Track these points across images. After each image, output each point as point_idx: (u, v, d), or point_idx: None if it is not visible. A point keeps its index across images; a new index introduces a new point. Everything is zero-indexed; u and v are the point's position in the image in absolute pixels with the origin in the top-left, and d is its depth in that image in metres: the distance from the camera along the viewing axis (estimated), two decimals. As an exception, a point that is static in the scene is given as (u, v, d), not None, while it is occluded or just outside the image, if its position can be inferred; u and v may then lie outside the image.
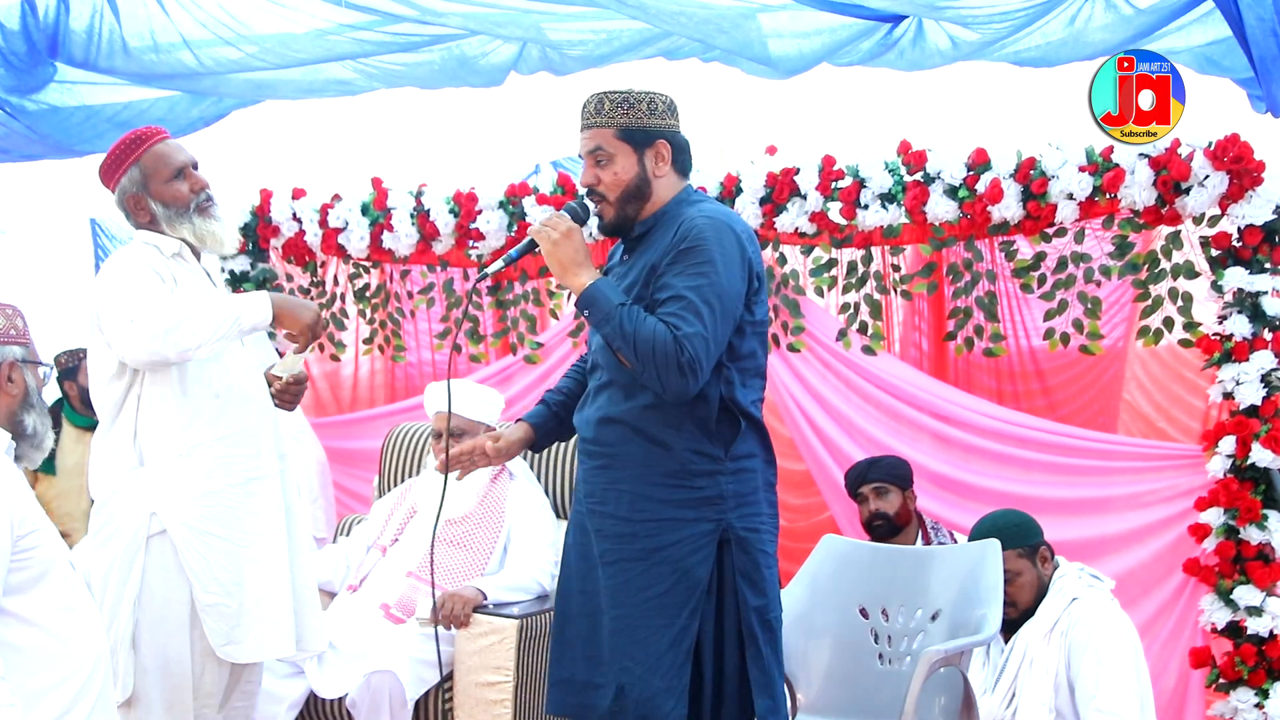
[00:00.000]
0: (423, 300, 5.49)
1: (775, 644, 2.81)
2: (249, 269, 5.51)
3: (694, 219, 2.73)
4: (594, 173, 2.80)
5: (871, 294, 4.68)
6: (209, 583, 3.02)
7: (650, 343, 2.61)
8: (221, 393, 3.10)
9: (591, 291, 2.70)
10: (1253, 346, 3.97)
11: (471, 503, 4.21)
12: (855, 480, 4.27)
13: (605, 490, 2.79)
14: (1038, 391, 4.71)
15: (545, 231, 2.76)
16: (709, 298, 2.65)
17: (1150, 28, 3.75)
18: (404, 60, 4.48)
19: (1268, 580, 3.91)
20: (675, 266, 2.69)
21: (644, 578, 2.73)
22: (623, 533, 2.76)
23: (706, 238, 2.69)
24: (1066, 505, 4.24)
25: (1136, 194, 4.10)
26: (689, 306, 2.64)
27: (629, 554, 2.75)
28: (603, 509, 2.79)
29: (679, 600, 2.71)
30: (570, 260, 2.74)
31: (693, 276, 2.66)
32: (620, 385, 2.79)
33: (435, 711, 3.88)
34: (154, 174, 3.14)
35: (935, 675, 3.30)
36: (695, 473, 2.73)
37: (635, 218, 2.82)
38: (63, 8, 4.18)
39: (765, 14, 3.94)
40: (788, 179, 4.56)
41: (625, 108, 2.77)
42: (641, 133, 2.79)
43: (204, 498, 3.04)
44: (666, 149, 2.81)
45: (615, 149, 2.78)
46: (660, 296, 2.69)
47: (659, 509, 2.73)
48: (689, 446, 2.73)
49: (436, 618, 3.81)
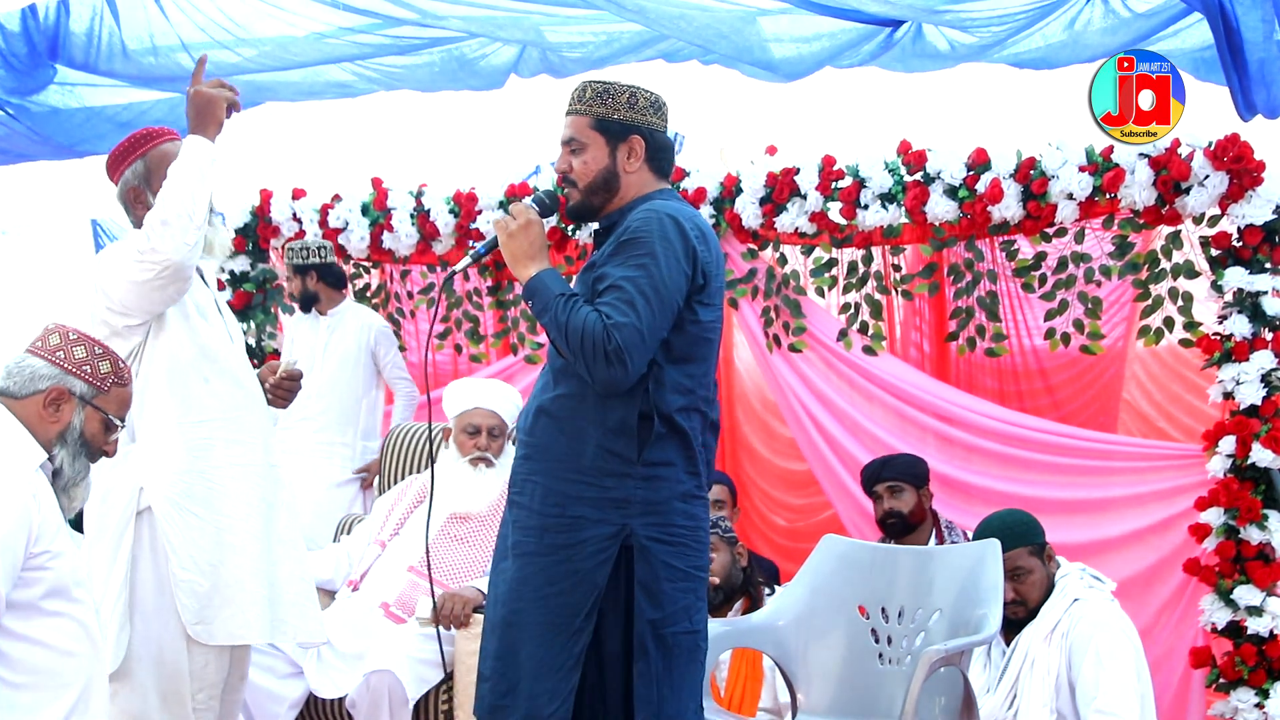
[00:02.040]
0: (423, 300, 5.50)
1: (672, 661, 2.67)
2: (249, 269, 5.51)
3: (642, 212, 2.71)
4: (567, 160, 2.79)
5: (872, 294, 4.69)
6: (184, 559, 3.06)
7: (580, 331, 2.58)
8: (211, 377, 3.15)
9: (535, 282, 2.69)
10: (1253, 346, 3.97)
11: (479, 502, 4.19)
12: (870, 478, 4.27)
13: (524, 481, 2.75)
14: (1039, 391, 4.72)
15: (504, 222, 2.74)
16: (644, 289, 2.60)
17: (1148, 31, 3.75)
18: (403, 63, 4.48)
19: (1268, 580, 3.92)
20: (615, 258, 2.66)
21: (544, 574, 2.68)
22: (532, 525, 2.71)
23: (649, 230, 2.65)
24: (1067, 505, 4.24)
25: (1136, 194, 4.10)
26: (623, 296, 2.59)
27: (536, 548, 2.70)
28: (519, 499, 2.74)
29: (575, 602, 2.64)
30: (523, 252, 2.72)
31: (631, 268, 2.62)
32: (552, 372, 2.76)
33: (435, 711, 3.88)
34: (156, 170, 3.16)
35: (935, 675, 3.30)
36: (605, 472, 2.66)
37: (600, 209, 2.80)
38: (63, 10, 4.18)
39: (766, 18, 3.94)
40: (788, 179, 4.56)
41: (604, 98, 2.75)
42: (617, 125, 2.75)
43: (186, 475, 3.09)
44: (640, 145, 2.76)
45: (588, 139, 2.76)
46: (599, 287, 2.66)
47: (567, 505, 2.67)
48: (602, 444, 2.66)
49: (436, 618, 3.82)
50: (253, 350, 5.46)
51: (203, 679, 3.10)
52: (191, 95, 3.08)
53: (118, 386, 2.74)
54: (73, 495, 2.71)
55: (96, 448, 2.74)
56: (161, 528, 3.06)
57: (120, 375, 2.75)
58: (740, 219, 4.66)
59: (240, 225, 5.48)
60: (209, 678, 3.11)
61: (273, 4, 4.07)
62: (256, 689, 3.82)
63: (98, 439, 2.73)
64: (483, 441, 4.23)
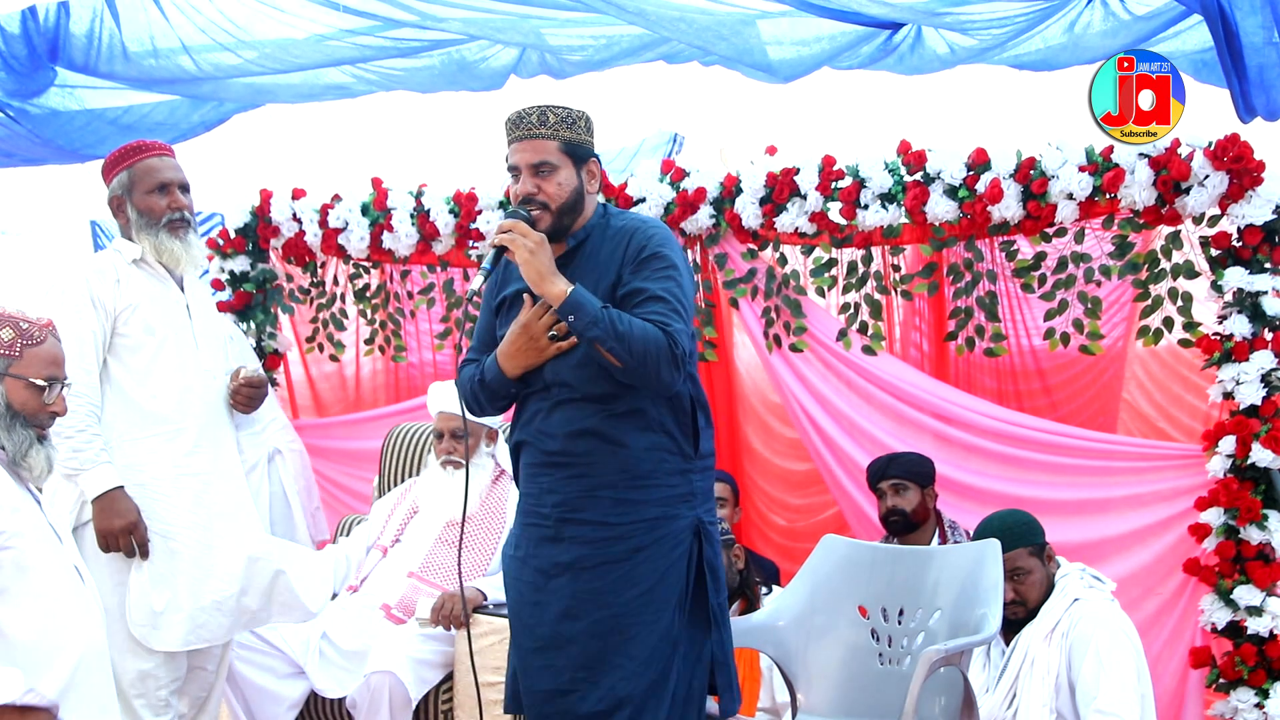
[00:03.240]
0: (423, 300, 5.50)
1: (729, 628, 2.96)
2: (249, 269, 5.51)
3: (642, 229, 2.87)
4: (535, 182, 2.83)
5: (872, 294, 4.69)
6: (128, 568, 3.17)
7: (644, 340, 2.70)
8: (159, 393, 3.24)
9: (575, 296, 2.73)
10: (1253, 346, 3.97)
11: (473, 504, 4.22)
12: (875, 475, 4.27)
13: (581, 498, 2.83)
14: (1038, 391, 4.72)
15: (522, 241, 2.76)
16: (681, 299, 2.80)
17: (1148, 34, 3.76)
18: (403, 65, 4.48)
19: (1268, 580, 3.92)
20: (642, 271, 2.81)
21: (629, 577, 2.79)
22: (604, 537, 2.81)
23: (667, 244, 2.86)
24: (1067, 505, 4.24)
25: (1136, 194, 4.10)
26: (670, 306, 2.76)
27: (612, 556, 2.80)
28: (579, 516, 2.83)
29: (663, 596, 2.79)
30: (547, 268, 2.76)
31: (663, 280, 2.79)
32: (589, 399, 2.83)
33: (435, 711, 3.89)
34: (138, 183, 3.31)
35: (935, 675, 3.31)
36: (669, 471, 2.83)
37: (568, 230, 2.89)
38: (63, 11, 4.18)
39: (765, 21, 3.94)
40: (788, 179, 4.56)
41: (569, 124, 2.85)
42: (581, 149, 2.87)
43: (129, 489, 3.17)
44: (597, 167, 2.92)
45: (560, 162, 2.84)
46: (636, 300, 2.78)
47: (640, 509, 2.80)
48: (662, 446, 2.82)
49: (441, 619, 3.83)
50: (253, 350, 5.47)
51: (156, 678, 3.18)
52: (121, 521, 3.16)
53: (30, 348, 2.67)
54: (27, 467, 2.65)
55: (35, 412, 2.67)
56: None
57: (29, 336, 2.68)
58: (740, 219, 4.66)
59: (240, 225, 5.47)
60: (165, 675, 3.20)
61: (273, 6, 4.07)
62: (256, 689, 3.84)
63: (30, 405, 2.66)
64: (446, 445, 4.28)
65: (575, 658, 2.81)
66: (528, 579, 2.90)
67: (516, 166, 2.86)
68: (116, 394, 3.20)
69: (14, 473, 2.65)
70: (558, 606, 2.84)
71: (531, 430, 2.91)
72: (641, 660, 2.76)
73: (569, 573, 2.83)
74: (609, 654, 2.78)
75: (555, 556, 2.85)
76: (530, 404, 2.92)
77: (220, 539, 3.27)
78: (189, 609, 3.18)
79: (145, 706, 3.16)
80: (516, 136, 2.85)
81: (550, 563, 2.85)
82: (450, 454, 4.29)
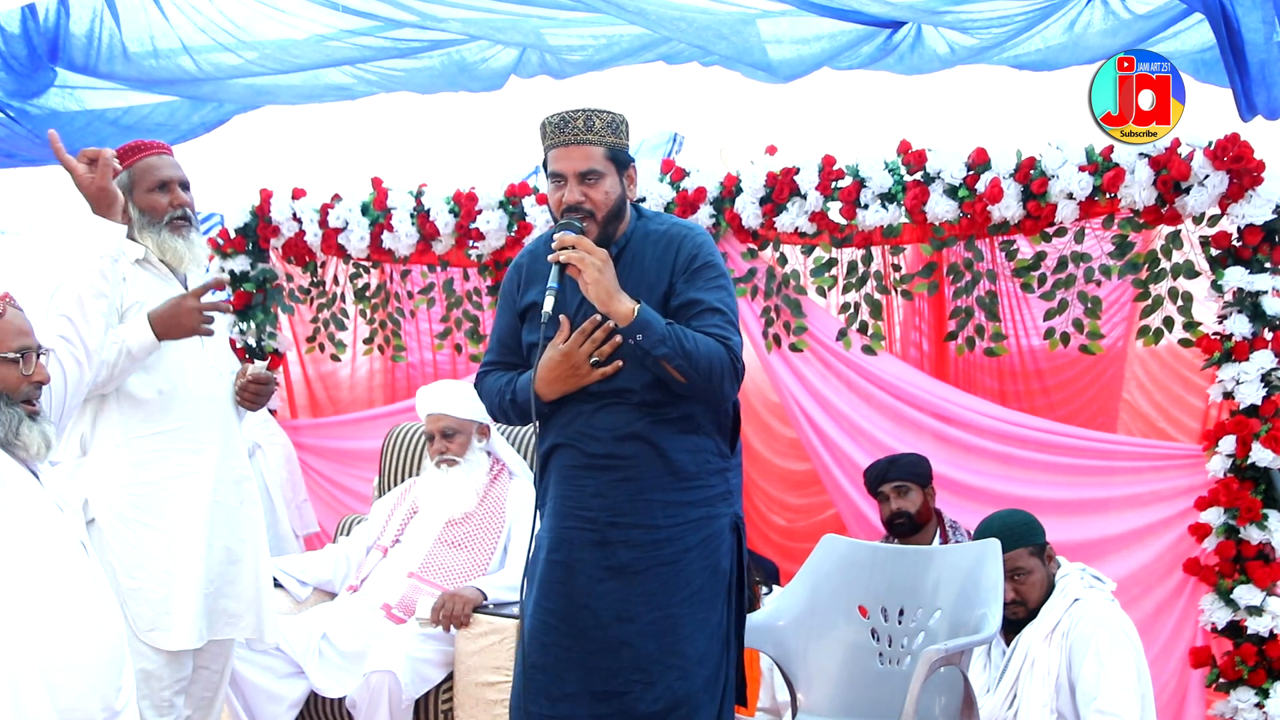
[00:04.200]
0: (423, 300, 5.50)
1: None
2: (249, 269, 5.51)
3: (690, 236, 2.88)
4: (583, 190, 2.79)
5: (872, 294, 4.69)
6: (134, 569, 3.15)
7: (709, 357, 2.73)
8: (165, 389, 3.23)
9: (645, 314, 2.72)
10: (1253, 346, 3.98)
11: (473, 503, 4.22)
12: (876, 479, 4.26)
13: (630, 501, 2.81)
14: (1038, 391, 4.72)
15: (590, 260, 2.71)
16: (732, 307, 2.84)
17: (1148, 33, 3.76)
18: (404, 65, 4.48)
19: (1268, 580, 3.92)
20: (695, 282, 2.82)
21: (679, 578, 2.81)
22: (654, 540, 2.81)
23: (713, 254, 2.87)
24: (1067, 505, 4.25)
25: (1136, 194, 4.10)
26: (726, 319, 2.80)
27: (661, 559, 2.81)
28: (627, 520, 2.81)
29: (711, 594, 2.83)
30: (614, 285, 2.73)
31: (715, 290, 2.82)
32: (635, 404, 2.81)
33: (435, 711, 3.89)
34: (139, 181, 3.30)
35: (935, 675, 3.31)
36: (710, 471, 2.85)
37: (612, 238, 2.86)
38: (63, 11, 4.17)
39: (765, 20, 3.94)
40: (788, 179, 4.56)
41: (613, 129, 2.81)
42: (624, 154, 2.85)
43: (135, 487, 3.18)
44: (635, 173, 2.90)
45: (605, 169, 2.81)
46: (693, 311, 2.80)
47: (686, 511, 2.82)
48: (705, 448, 2.85)
49: (441, 619, 3.83)
50: (253, 350, 5.47)
51: (163, 677, 3.18)
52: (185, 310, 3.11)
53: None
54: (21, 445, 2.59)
55: (16, 386, 2.61)
56: (107, 541, 3.14)
57: None
58: (740, 219, 4.66)
59: (240, 225, 5.48)
60: (169, 675, 3.19)
61: (273, 6, 4.06)
62: (256, 689, 3.85)
63: (9, 380, 2.60)
64: (439, 445, 4.29)
65: (629, 660, 2.79)
66: (580, 584, 2.84)
67: (561, 174, 2.80)
68: (123, 392, 3.19)
69: (11, 453, 2.59)
70: (610, 611, 2.81)
71: (572, 432, 2.85)
72: (695, 659, 2.78)
73: (620, 577, 2.81)
74: (663, 655, 2.79)
75: (604, 561, 2.82)
76: (568, 407, 2.86)
77: (218, 539, 3.27)
78: (192, 607, 3.18)
79: (150, 707, 3.16)
80: (561, 141, 2.79)
81: (600, 567, 2.83)
82: (443, 453, 4.30)
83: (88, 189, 2.97)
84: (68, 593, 2.56)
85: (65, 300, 2.90)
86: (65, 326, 2.87)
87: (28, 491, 2.58)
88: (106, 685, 2.57)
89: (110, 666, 2.60)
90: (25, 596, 2.48)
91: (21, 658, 2.41)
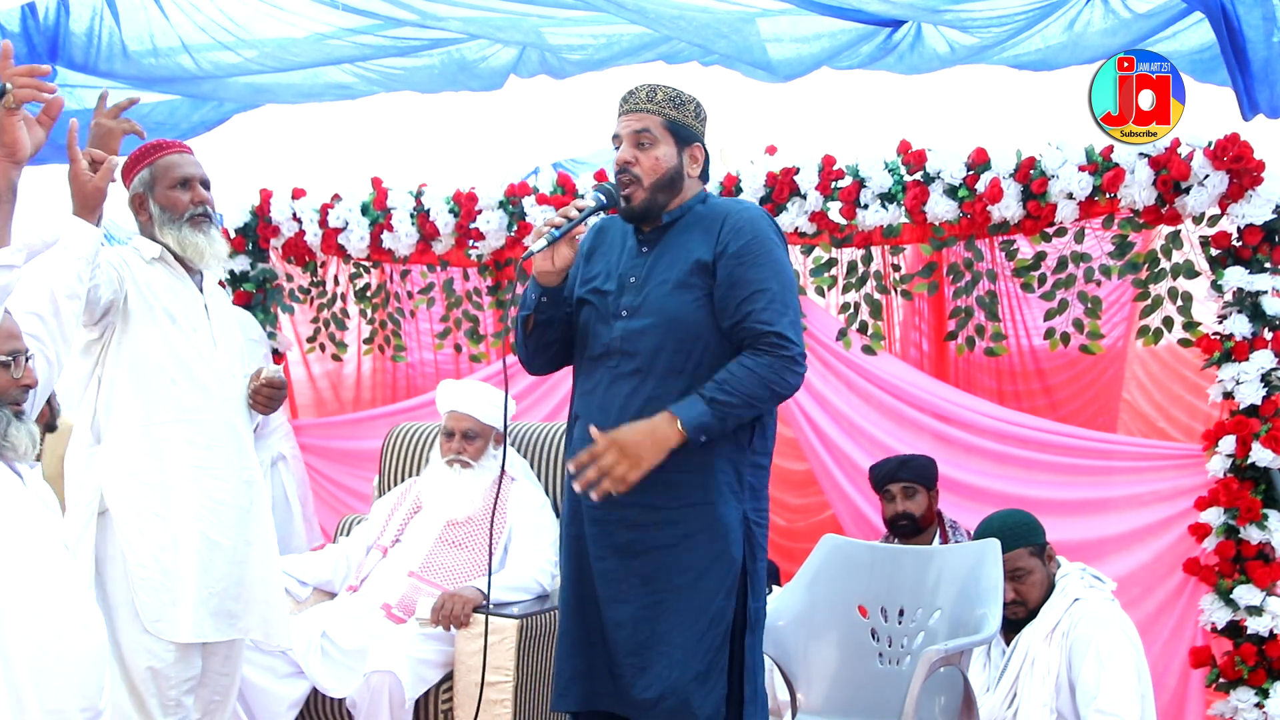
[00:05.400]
0: (423, 300, 5.50)
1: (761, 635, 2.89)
2: (249, 269, 5.51)
3: (737, 213, 2.84)
4: (634, 152, 2.82)
5: (872, 294, 4.69)
6: (144, 558, 3.14)
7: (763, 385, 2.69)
8: (179, 379, 3.22)
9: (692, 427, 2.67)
10: (1253, 346, 3.97)
11: (474, 504, 4.21)
12: (885, 477, 4.24)
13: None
14: (1038, 391, 4.72)
15: (611, 465, 2.68)
16: (786, 283, 2.78)
17: (1148, 32, 3.76)
18: (403, 64, 4.48)
19: (1268, 580, 3.92)
20: (742, 262, 2.76)
21: (679, 563, 2.76)
22: (654, 521, 2.77)
23: (760, 230, 2.80)
24: (1067, 505, 4.24)
25: (1136, 194, 4.10)
26: (776, 297, 2.74)
27: (660, 541, 2.77)
28: (628, 498, 2.75)
29: (714, 583, 2.75)
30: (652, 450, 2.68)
31: (762, 267, 2.76)
32: (653, 375, 2.79)
33: (435, 711, 3.89)
34: (160, 179, 3.29)
35: (935, 675, 3.30)
36: (721, 458, 2.77)
37: (664, 207, 2.86)
38: (62, 10, 4.17)
39: (765, 19, 3.94)
40: (788, 179, 4.56)
41: (677, 103, 2.84)
42: (686, 130, 2.85)
43: (148, 476, 3.17)
44: (701, 153, 2.89)
45: (661, 136, 2.83)
46: (740, 294, 2.75)
47: (689, 494, 2.76)
48: None
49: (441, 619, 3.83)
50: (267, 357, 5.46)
51: (170, 675, 3.17)
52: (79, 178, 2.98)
53: None
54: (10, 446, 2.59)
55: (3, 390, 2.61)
56: (118, 529, 3.14)
57: None
58: (740, 219, 4.65)
59: (240, 225, 5.48)
60: (176, 674, 3.18)
61: (273, 5, 4.06)
62: (256, 689, 3.84)
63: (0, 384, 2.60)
64: (456, 445, 4.27)
65: (624, 643, 2.78)
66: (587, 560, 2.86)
67: (619, 135, 2.86)
68: (136, 380, 3.18)
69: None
70: (608, 590, 2.81)
71: (590, 403, 2.87)
72: (688, 649, 2.72)
73: (619, 556, 2.80)
74: (656, 641, 2.75)
75: (605, 539, 2.82)
76: (590, 377, 2.88)
77: (225, 537, 3.26)
78: (194, 601, 3.17)
79: (157, 706, 3.15)
80: (624, 110, 2.86)
81: (602, 545, 2.82)
82: (459, 454, 4.26)
83: (82, 185, 2.95)
84: (52, 593, 2.55)
85: (38, 299, 2.88)
86: (37, 325, 2.85)
87: (12, 492, 2.58)
88: (90, 685, 2.57)
89: (93, 666, 2.60)
90: (10, 596, 2.48)
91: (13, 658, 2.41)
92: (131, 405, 3.18)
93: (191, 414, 3.23)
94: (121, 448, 3.17)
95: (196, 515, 3.21)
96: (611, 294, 2.87)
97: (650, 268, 2.84)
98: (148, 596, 3.13)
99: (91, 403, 3.20)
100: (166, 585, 3.14)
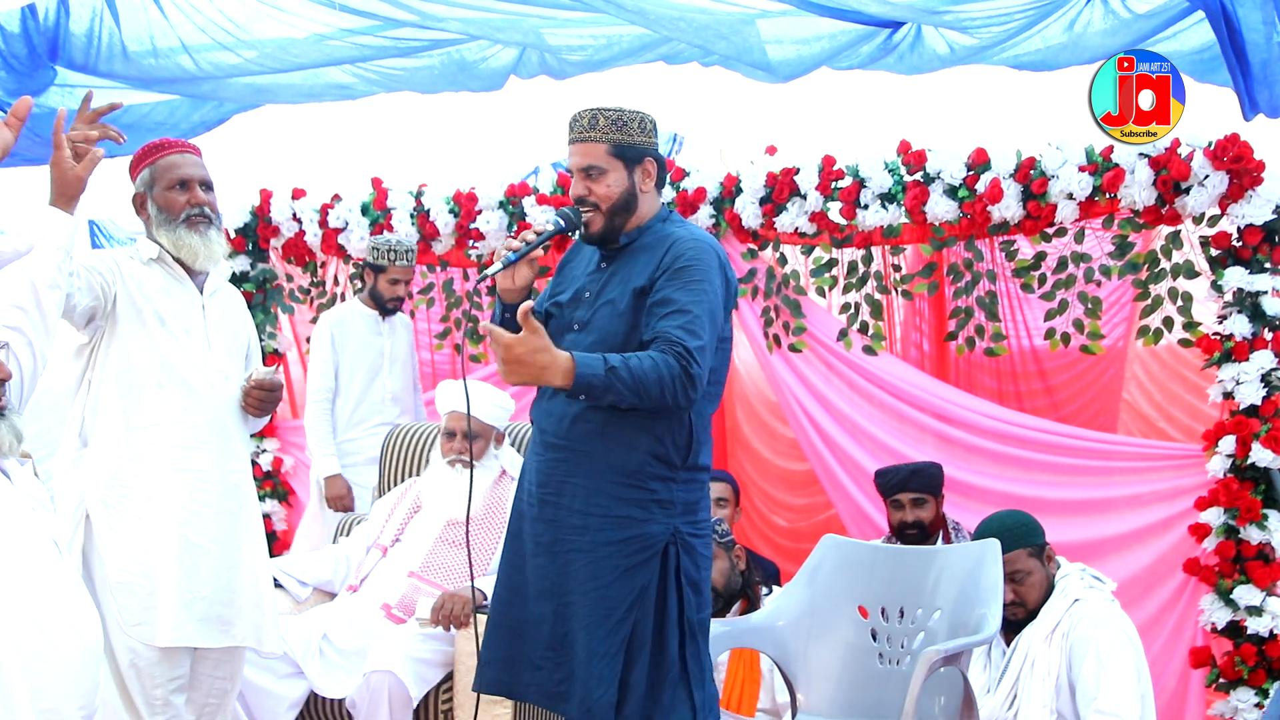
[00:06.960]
0: (423, 300, 5.50)
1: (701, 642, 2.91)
2: (249, 269, 5.52)
3: (684, 240, 2.88)
4: (585, 184, 2.90)
5: (872, 294, 4.69)
6: (124, 560, 3.14)
7: (658, 382, 2.70)
8: (165, 383, 3.22)
9: (580, 378, 2.67)
10: (1253, 346, 3.98)
11: (476, 504, 4.21)
12: (895, 486, 4.24)
13: (562, 483, 2.87)
14: (1039, 391, 4.72)
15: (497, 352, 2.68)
16: (704, 312, 2.79)
17: (1148, 32, 3.76)
18: (403, 65, 4.48)
19: (1268, 580, 3.92)
20: (674, 282, 2.81)
21: (592, 569, 2.81)
22: (577, 525, 2.84)
23: (700, 258, 2.84)
24: (1067, 505, 4.25)
25: (1136, 194, 4.11)
26: (694, 320, 2.76)
27: (581, 545, 2.83)
28: (558, 500, 2.86)
29: (619, 595, 2.79)
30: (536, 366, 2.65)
31: (692, 291, 2.79)
32: None
33: (435, 711, 3.89)
34: (159, 179, 3.29)
35: (935, 675, 3.30)
36: (650, 475, 2.82)
37: (622, 229, 2.94)
38: (62, 10, 4.17)
39: (764, 20, 3.95)
40: (788, 179, 4.56)
41: (619, 126, 2.89)
42: (632, 150, 2.90)
43: (129, 479, 3.17)
44: (653, 166, 2.94)
45: (608, 165, 2.89)
46: (662, 310, 2.79)
47: (612, 505, 2.81)
48: (651, 451, 2.82)
49: (441, 619, 3.83)
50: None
51: (154, 674, 3.17)
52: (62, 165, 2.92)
53: None
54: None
55: None
56: (97, 532, 3.14)
57: None
58: (740, 219, 4.66)
59: (240, 225, 5.48)
60: (161, 674, 3.18)
61: (273, 5, 4.07)
62: (256, 689, 3.83)
63: None
64: (456, 445, 4.27)
65: (545, 637, 2.86)
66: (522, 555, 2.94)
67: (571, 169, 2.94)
68: (123, 383, 3.18)
69: None
70: (535, 585, 2.89)
71: (538, 410, 2.96)
72: (596, 655, 2.77)
73: (547, 554, 2.87)
74: (569, 641, 2.82)
75: (536, 535, 2.90)
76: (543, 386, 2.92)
77: (210, 540, 3.24)
78: (175, 604, 3.16)
79: (143, 704, 3.16)
80: (571, 139, 2.92)
81: (534, 541, 2.90)
82: (461, 454, 4.27)
83: (64, 173, 2.91)
84: (43, 592, 2.54)
85: (19, 291, 2.86)
86: (19, 317, 2.84)
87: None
88: (84, 685, 2.56)
89: (88, 666, 2.59)
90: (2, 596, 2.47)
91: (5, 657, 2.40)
92: (115, 409, 3.18)
93: (177, 417, 3.23)
94: (104, 451, 3.18)
95: (178, 518, 3.19)
96: (567, 306, 2.95)
97: (603, 285, 2.92)
98: (125, 599, 3.13)
99: (80, 406, 3.21)
100: (145, 588, 3.13)
